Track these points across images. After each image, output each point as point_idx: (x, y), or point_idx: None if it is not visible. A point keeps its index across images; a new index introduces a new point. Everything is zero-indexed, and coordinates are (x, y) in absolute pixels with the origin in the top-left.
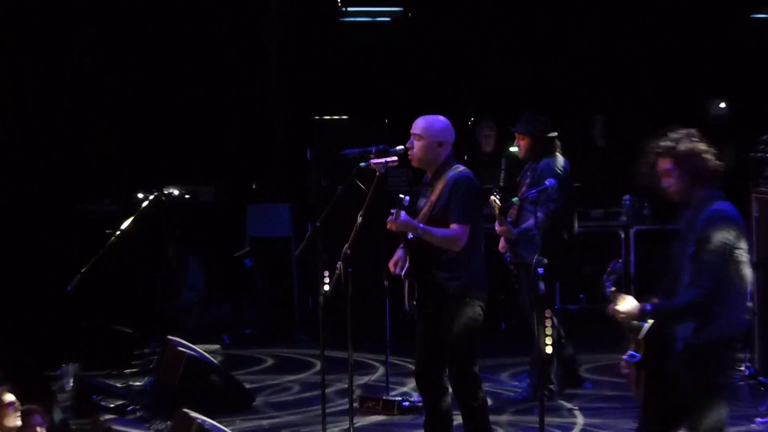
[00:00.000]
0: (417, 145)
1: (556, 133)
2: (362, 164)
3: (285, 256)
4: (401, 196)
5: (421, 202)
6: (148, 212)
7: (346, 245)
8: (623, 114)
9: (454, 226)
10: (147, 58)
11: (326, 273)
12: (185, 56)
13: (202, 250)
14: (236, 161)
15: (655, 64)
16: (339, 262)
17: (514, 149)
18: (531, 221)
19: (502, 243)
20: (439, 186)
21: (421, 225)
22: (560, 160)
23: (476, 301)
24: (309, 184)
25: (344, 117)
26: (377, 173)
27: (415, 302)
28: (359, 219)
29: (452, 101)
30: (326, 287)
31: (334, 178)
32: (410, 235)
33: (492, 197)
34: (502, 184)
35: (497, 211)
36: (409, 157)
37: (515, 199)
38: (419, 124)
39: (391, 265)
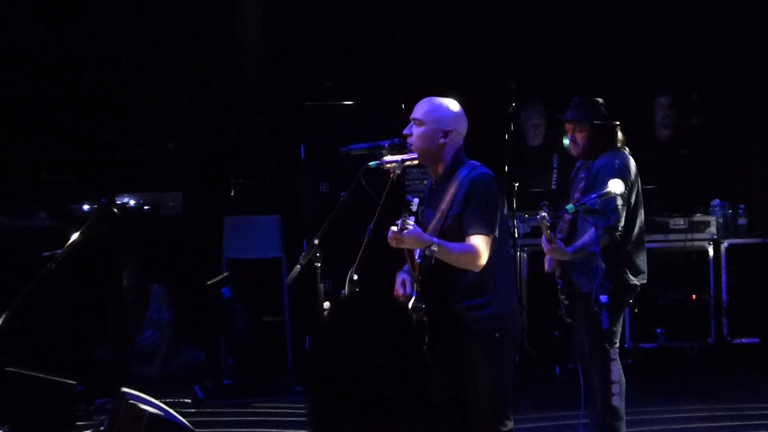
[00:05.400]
0: (416, 132)
1: (617, 122)
2: (372, 163)
3: (274, 284)
4: (409, 198)
5: (427, 213)
6: (96, 229)
7: (353, 269)
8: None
9: (472, 237)
10: (91, 34)
11: (327, 305)
12: (139, 28)
13: (167, 277)
14: (209, 162)
15: (738, 23)
16: (343, 291)
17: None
18: (588, 237)
19: (547, 262)
20: (451, 190)
21: (435, 239)
22: (624, 155)
23: (508, 339)
24: (303, 190)
25: (347, 102)
26: (392, 175)
27: (425, 346)
28: (369, 234)
29: (488, 81)
30: None
31: (336, 181)
32: (418, 254)
33: (542, 214)
34: (554, 186)
35: (546, 229)
36: (408, 147)
37: (570, 207)
38: (421, 107)
39: (398, 287)
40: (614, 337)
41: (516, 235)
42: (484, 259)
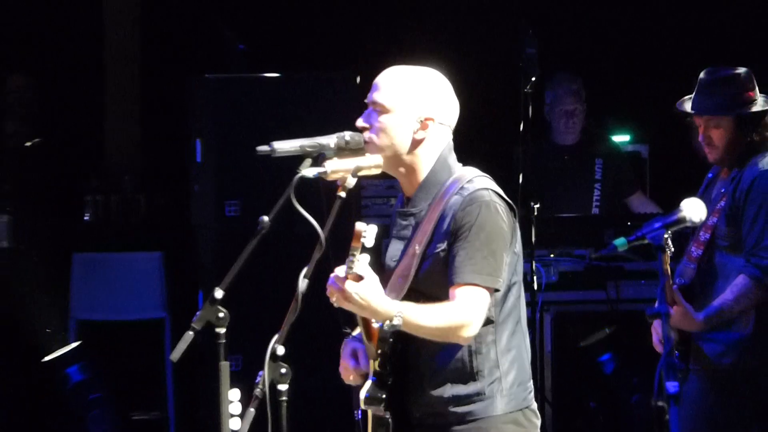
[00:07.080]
0: (378, 123)
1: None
2: (307, 172)
3: (151, 360)
4: (360, 227)
5: (394, 249)
6: None
7: (276, 337)
8: None
9: (460, 289)
10: None
11: (235, 393)
12: None
13: None
14: (52, 168)
15: None
16: (261, 372)
17: (620, 138)
18: (731, 292)
19: (655, 332)
20: (432, 214)
21: (399, 304)
22: None
23: None
24: (199, 213)
25: (270, 74)
26: (339, 189)
27: None
28: (302, 283)
29: (492, 41)
30: (235, 422)
31: (250, 199)
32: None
33: (665, 235)
34: (596, 209)
35: (667, 265)
36: (366, 146)
37: (620, 242)
38: (383, 83)
39: (345, 359)
40: None
41: (535, 287)
42: (477, 326)
